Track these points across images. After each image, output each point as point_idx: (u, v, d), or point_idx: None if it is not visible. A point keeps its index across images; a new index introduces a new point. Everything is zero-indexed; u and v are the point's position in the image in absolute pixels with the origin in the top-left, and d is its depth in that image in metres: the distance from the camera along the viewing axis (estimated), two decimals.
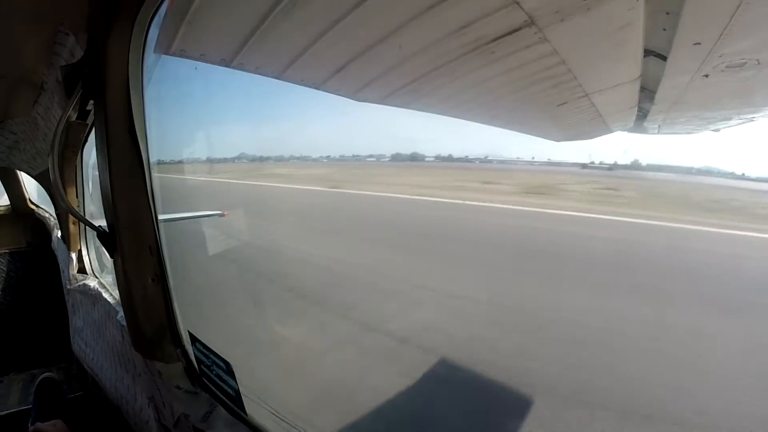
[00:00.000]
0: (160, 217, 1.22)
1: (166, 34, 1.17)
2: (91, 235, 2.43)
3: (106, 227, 1.24)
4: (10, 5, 1.02)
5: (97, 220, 1.34)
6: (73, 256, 2.47)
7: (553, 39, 1.19)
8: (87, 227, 2.35)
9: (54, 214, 3.35)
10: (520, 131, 2.39)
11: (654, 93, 1.52)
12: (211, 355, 1.15)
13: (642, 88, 1.52)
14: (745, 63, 1.25)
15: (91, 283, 2.20)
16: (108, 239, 1.22)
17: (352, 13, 1.06)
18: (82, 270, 2.48)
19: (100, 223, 1.28)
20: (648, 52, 1.30)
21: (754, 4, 0.97)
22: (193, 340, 1.24)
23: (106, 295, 1.93)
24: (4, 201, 3.70)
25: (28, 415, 2.05)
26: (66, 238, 2.48)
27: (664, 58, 1.30)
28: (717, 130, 2.03)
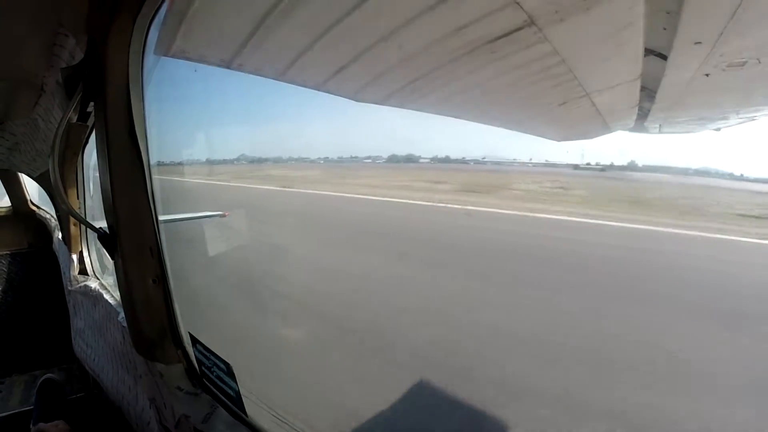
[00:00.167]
0: (161, 218, 1.22)
1: (165, 36, 1.16)
2: (92, 236, 2.43)
3: (106, 228, 1.24)
4: (10, 7, 1.02)
5: (98, 221, 1.34)
6: (74, 257, 2.48)
7: (553, 39, 1.18)
8: (88, 229, 2.35)
9: (55, 216, 3.36)
10: (521, 131, 2.39)
11: (654, 92, 1.52)
12: (212, 357, 1.16)
13: (642, 88, 1.51)
14: (746, 62, 1.25)
15: (92, 284, 2.20)
16: (108, 240, 1.23)
17: (352, 13, 1.06)
18: (83, 271, 2.48)
19: (100, 224, 1.28)
20: (648, 52, 1.30)
21: (754, 2, 0.97)
22: (194, 342, 1.24)
23: (107, 296, 1.94)
24: (5, 202, 3.71)
25: (29, 416, 2.06)
26: (67, 239, 2.49)
27: (664, 58, 1.29)
28: (718, 130, 2.02)
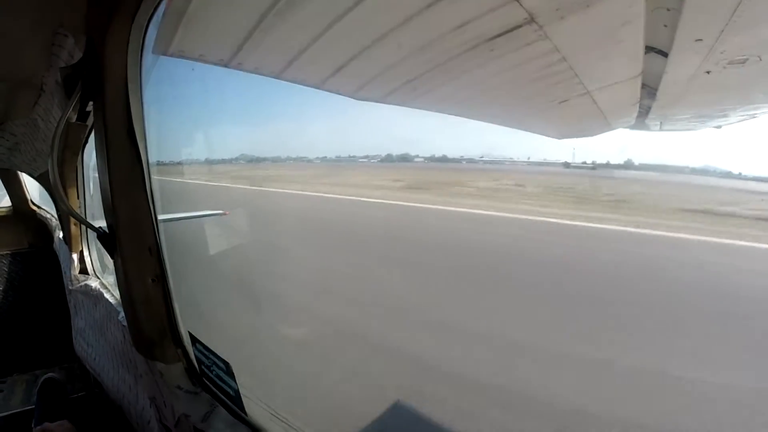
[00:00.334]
0: (160, 217, 1.22)
1: (164, 35, 1.16)
2: (93, 235, 2.43)
3: (106, 228, 1.24)
4: (9, 7, 1.02)
5: (98, 221, 1.34)
6: (75, 257, 2.48)
7: (553, 36, 1.18)
8: (88, 228, 2.35)
9: (56, 215, 3.36)
10: (521, 129, 2.39)
11: (655, 90, 1.51)
12: (211, 356, 1.16)
13: (643, 85, 1.51)
14: (746, 59, 1.24)
15: (93, 283, 2.20)
16: (108, 240, 1.22)
17: (351, 11, 1.05)
18: (83, 271, 2.48)
19: (100, 223, 1.28)
20: (649, 49, 1.29)
21: (755, 0, 0.96)
22: (194, 341, 1.24)
23: (107, 295, 1.94)
24: (6, 202, 3.71)
25: (31, 415, 2.07)
26: (67, 239, 2.49)
27: (665, 55, 1.29)
28: (719, 127, 2.02)
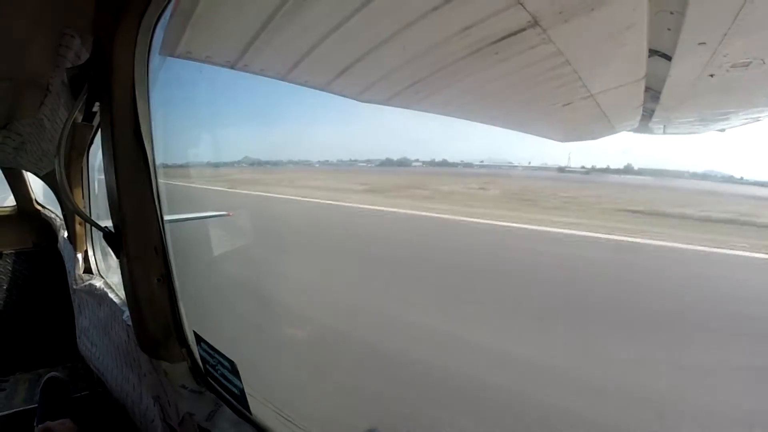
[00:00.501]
0: (166, 217, 1.23)
1: (171, 36, 1.17)
2: (97, 235, 2.45)
3: (111, 228, 1.25)
4: (16, 8, 1.03)
5: (102, 221, 1.35)
6: (79, 256, 2.49)
7: (557, 40, 1.18)
8: (93, 228, 2.37)
9: (60, 215, 3.37)
10: (524, 132, 2.38)
11: (659, 93, 1.51)
12: (216, 355, 1.16)
13: (647, 88, 1.51)
14: (750, 63, 1.25)
15: (97, 283, 2.21)
16: (114, 240, 1.23)
17: (357, 14, 1.06)
18: (88, 270, 2.50)
19: (105, 223, 1.29)
20: (652, 52, 1.30)
21: (758, 3, 0.97)
22: (199, 340, 1.24)
23: (111, 295, 1.95)
24: (11, 201, 3.73)
25: (33, 414, 2.07)
26: (72, 238, 2.50)
27: (668, 58, 1.29)
28: (722, 131, 2.02)
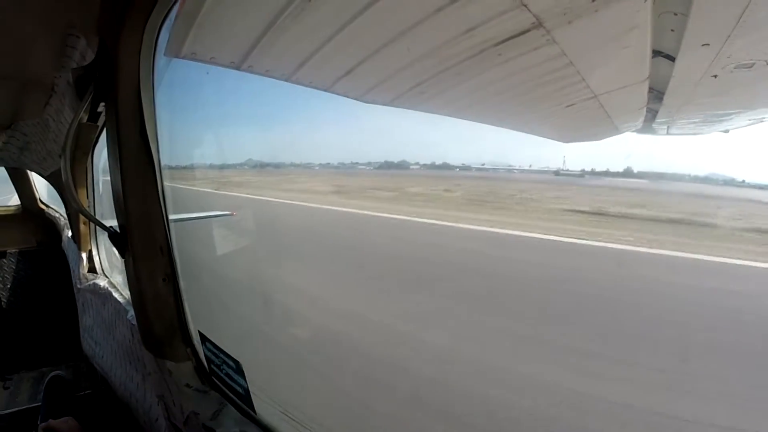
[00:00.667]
0: (171, 217, 1.24)
1: (176, 37, 1.18)
2: (102, 234, 2.46)
3: (116, 227, 1.26)
4: (21, 8, 1.04)
5: (106, 220, 1.35)
6: (84, 255, 2.50)
7: (560, 41, 1.19)
8: (97, 227, 2.38)
9: (64, 214, 3.39)
10: (527, 133, 2.38)
11: (663, 94, 1.51)
12: (221, 354, 1.17)
13: (650, 89, 1.51)
14: (754, 63, 1.24)
15: (101, 282, 2.23)
16: (119, 239, 1.24)
17: (361, 16, 1.06)
18: (92, 269, 2.51)
19: (109, 223, 1.29)
20: (656, 53, 1.30)
21: (761, 4, 0.97)
22: (203, 340, 1.25)
23: (116, 294, 1.96)
24: (15, 201, 3.75)
25: (37, 412, 2.08)
26: (77, 238, 2.52)
27: (672, 59, 1.29)
28: (726, 132, 2.01)
